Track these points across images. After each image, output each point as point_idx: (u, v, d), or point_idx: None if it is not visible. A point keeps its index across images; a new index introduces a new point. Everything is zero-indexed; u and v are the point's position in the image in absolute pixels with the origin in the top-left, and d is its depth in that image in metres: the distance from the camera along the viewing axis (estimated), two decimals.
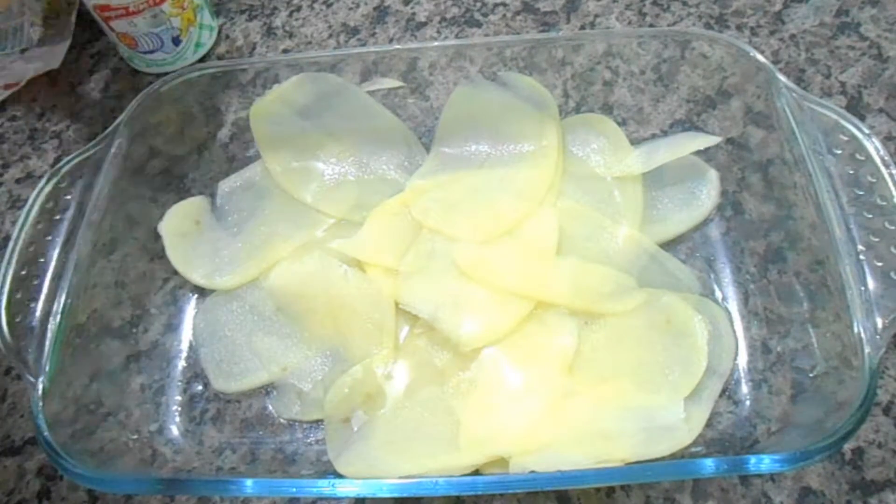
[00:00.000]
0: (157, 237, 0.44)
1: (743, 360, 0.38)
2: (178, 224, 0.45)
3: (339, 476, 0.36)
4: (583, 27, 0.51)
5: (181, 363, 0.43)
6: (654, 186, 0.43)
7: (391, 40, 0.53)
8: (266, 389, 0.41)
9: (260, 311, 0.43)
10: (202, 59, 0.54)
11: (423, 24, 0.54)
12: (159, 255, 0.44)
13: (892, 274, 0.32)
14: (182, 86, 0.45)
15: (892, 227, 0.33)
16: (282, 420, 0.40)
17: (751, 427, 0.36)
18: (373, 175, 0.46)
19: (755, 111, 0.41)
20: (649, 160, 0.43)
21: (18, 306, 0.36)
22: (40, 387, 0.34)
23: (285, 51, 0.54)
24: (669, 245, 0.42)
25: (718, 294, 0.40)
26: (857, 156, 0.35)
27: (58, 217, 0.39)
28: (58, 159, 0.52)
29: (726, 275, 0.41)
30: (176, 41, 0.51)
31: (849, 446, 0.36)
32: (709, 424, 0.36)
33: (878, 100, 0.45)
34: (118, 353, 0.41)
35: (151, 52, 0.51)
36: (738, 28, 0.49)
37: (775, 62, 0.47)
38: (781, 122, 0.38)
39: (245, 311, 0.43)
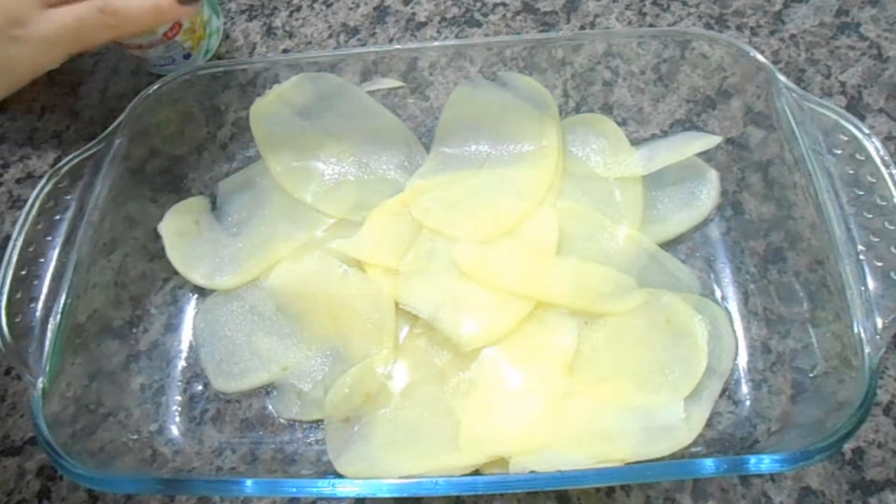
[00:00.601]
0: (157, 237, 0.44)
1: (743, 360, 0.38)
2: (178, 224, 0.45)
3: (339, 476, 0.36)
4: (583, 27, 0.51)
5: (181, 363, 0.43)
6: (654, 186, 0.43)
7: (391, 40, 0.53)
8: (266, 389, 0.41)
9: (260, 311, 0.43)
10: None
11: (423, 24, 0.54)
12: (159, 255, 0.44)
13: (892, 274, 0.32)
14: (182, 86, 0.45)
15: (892, 227, 0.33)
16: (282, 420, 0.40)
17: (751, 427, 0.36)
18: (373, 175, 0.46)
19: (755, 111, 0.41)
20: (651, 162, 0.43)
21: (18, 306, 0.36)
22: (40, 387, 0.35)
23: (285, 51, 0.54)
24: (669, 245, 0.42)
25: (718, 294, 0.40)
26: (857, 156, 0.35)
27: (58, 217, 0.39)
28: (58, 159, 0.52)
29: (726, 275, 0.41)
30: (187, 56, 0.51)
31: (849, 446, 0.36)
32: (709, 424, 0.36)
33: (878, 100, 0.45)
34: (118, 353, 0.41)
35: (162, 65, 0.51)
36: (738, 28, 0.49)
37: (775, 62, 0.47)
38: (781, 122, 0.38)
39: (245, 311, 0.43)
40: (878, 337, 0.31)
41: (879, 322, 0.31)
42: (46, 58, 0.40)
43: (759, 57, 0.39)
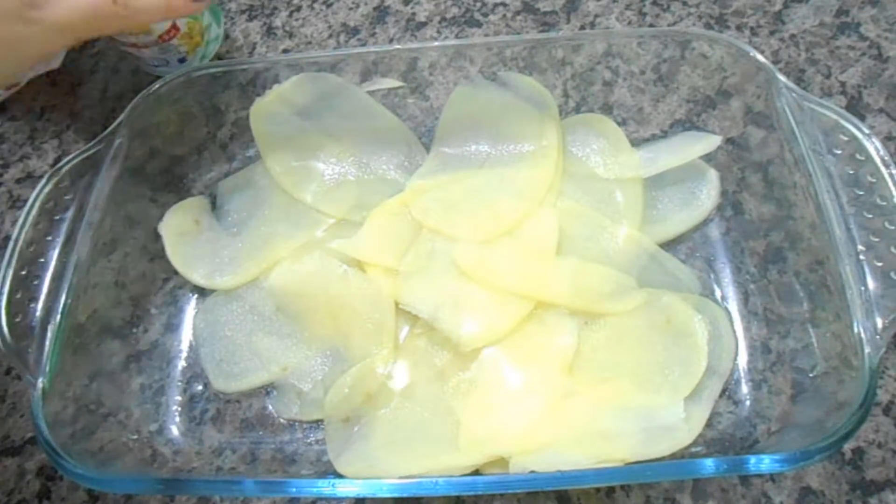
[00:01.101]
0: (157, 237, 0.44)
1: (743, 360, 0.38)
2: (178, 224, 0.45)
3: (339, 476, 0.36)
4: (583, 27, 0.51)
5: (181, 363, 0.43)
6: (654, 186, 0.43)
7: (391, 40, 0.53)
8: (266, 389, 0.41)
9: (260, 311, 0.43)
10: None
11: (423, 24, 0.54)
12: (159, 255, 0.44)
13: (892, 274, 0.32)
14: (182, 86, 0.45)
15: (892, 227, 0.33)
16: (282, 420, 0.40)
17: (751, 427, 0.36)
18: (373, 175, 0.46)
19: (755, 111, 0.41)
20: (652, 165, 0.43)
21: (18, 306, 0.36)
22: (40, 387, 0.34)
23: (285, 51, 0.54)
24: (669, 245, 0.42)
25: (718, 294, 0.40)
26: (857, 156, 0.35)
27: (58, 217, 0.39)
28: (58, 159, 0.52)
29: (726, 275, 0.41)
30: (182, 60, 0.51)
31: (849, 446, 0.36)
32: (709, 424, 0.36)
33: (878, 100, 0.45)
34: (118, 353, 0.41)
35: (156, 66, 0.51)
36: (738, 28, 0.49)
37: (775, 62, 0.47)
38: (781, 122, 0.38)
39: (245, 311, 0.43)
40: (878, 337, 0.31)
41: (879, 322, 0.31)
42: (55, 42, 0.40)
43: (759, 57, 0.39)
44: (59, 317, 0.36)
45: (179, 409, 0.41)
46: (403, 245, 0.43)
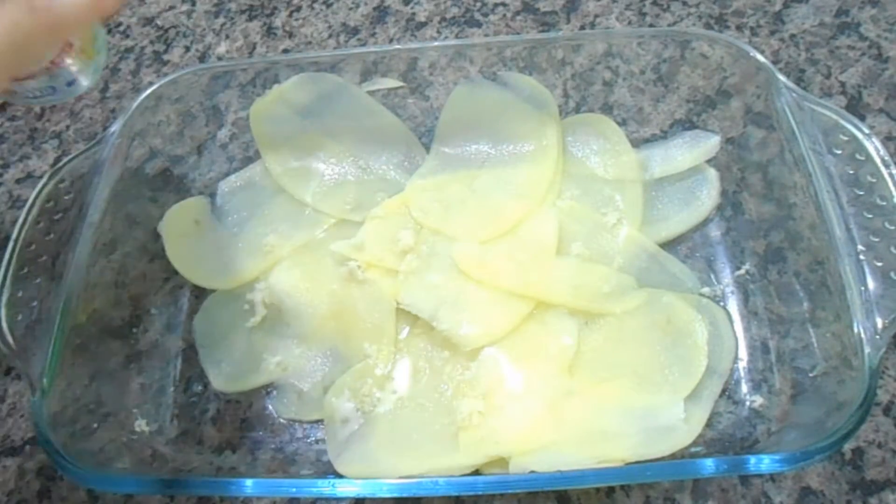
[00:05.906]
0: (157, 237, 0.44)
1: (743, 360, 0.38)
2: (178, 224, 0.45)
3: (339, 476, 0.36)
4: (583, 27, 0.51)
5: (181, 363, 0.43)
6: (654, 186, 0.43)
7: (391, 40, 0.53)
8: (266, 389, 0.41)
9: (260, 312, 0.43)
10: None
11: (423, 24, 0.54)
12: (159, 255, 0.44)
13: (892, 274, 0.32)
14: (182, 86, 0.45)
15: (892, 227, 0.33)
16: (282, 420, 0.40)
17: (751, 427, 0.36)
18: (373, 175, 0.46)
19: (755, 111, 0.41)
20: (654, 171, 0.43)
21: (19, 306, 0.36)
22: (40, 387, 0.34)
23: (285, 51, 0.54)
24: (669, 245, 0.42)
25: (718, 294, 0.40)
26: (857, 156, 0.35)
27: (58, 217, 0.39)
28: (58, 159, 0.52)
29: (726, 275, 0.41)
30: (71, 83, 0.38)
31: (849, 446, 0.36)
32: (709, 424, 0.36)
33: (878, 100, 0.45)
34: (118, 353, 0.41)
35: (38, 97, 0.38)
36: (738, 28, 0.49)
37: (775, 62, 0.47)
38: (781, 122, 0.38)
39: (245, 311, 0.43)
40: (878, 337, 0.31)
41: (879, 322, 0.31)
42: None
43: (759, 57, 0.39)
44: (59, 317, 0.36)
45: (179, 409, 0.41)
46: (403, 245, 0.43)
